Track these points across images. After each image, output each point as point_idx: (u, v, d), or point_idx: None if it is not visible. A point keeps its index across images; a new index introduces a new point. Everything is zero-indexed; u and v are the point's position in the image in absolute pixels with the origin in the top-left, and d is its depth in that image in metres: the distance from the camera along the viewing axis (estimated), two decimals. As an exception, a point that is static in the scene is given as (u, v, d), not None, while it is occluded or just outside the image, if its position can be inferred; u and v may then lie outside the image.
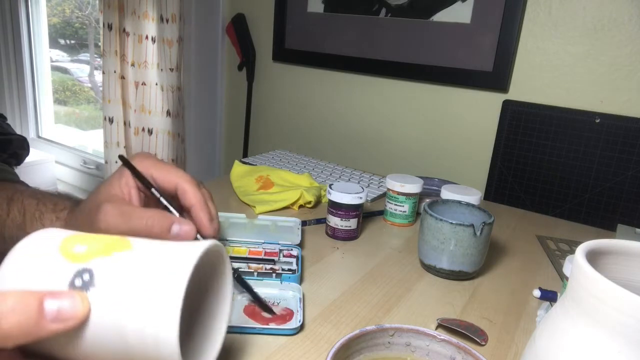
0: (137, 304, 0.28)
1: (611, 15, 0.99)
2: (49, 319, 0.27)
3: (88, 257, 0.30)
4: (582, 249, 0.30)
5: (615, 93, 1.01)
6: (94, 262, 0.30)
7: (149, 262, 0.30)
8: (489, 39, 1.12)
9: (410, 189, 0.78)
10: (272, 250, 0.63)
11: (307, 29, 1.42)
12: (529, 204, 1.11)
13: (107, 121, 1.65)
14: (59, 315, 0.27)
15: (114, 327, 0.28)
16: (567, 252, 0.75)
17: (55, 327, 0.27)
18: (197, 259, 0.30)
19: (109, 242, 0.32)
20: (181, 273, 0.29)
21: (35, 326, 0.26)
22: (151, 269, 0.30)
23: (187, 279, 0.29)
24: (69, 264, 0.30)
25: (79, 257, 0.30)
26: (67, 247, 0.31)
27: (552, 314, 0.32)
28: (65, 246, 0.31)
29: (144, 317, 0.28)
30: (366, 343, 0.38)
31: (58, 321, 0.27)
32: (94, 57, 2.30)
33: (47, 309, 0.27)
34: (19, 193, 0.51)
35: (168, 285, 0.28)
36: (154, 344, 0.28)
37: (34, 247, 0.31)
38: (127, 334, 0.28)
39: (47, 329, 0.27)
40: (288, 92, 1.53)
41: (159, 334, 0.28)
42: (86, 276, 0.29)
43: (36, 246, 0.31)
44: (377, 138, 1.38)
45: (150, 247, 0.32)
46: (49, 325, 0.27)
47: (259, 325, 0.48)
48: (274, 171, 0.93)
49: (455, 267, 0.61)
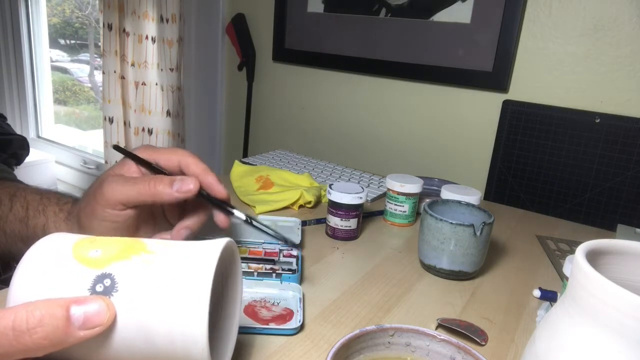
0: (163, 305, 0.28)
1: (611, 15, 0.99)
2: (77, 326, 0.27)
3: (106, 262, 0.30)
4: (582, 249, 0.30)
5: (615, 93, 1.01)
6: (113, 266, 0.30)
7: (170, 263, 0.30)
8: (489, 39, 1.12)
9: (410, 189, 0.78)
10: (272, 250, 0.63)
11: (307, 29, 1.42)
12: (529, 204, 1.11)
13: (107, 121, 1.65)
14: (86, 322, 0.27)
15: (140, 330, 0.28)
16: (567, 252, 0.75)
17: (83, 334, 0.27)
18: (219, 255, 0.30)
19: (123, 245, 0.32)
20: (206, 270, 0.29)
21: (64, 335, 0.26)
22: (174, 270, 0.30)
23: (212, 275, 0.29)
24: (87, 269, 0.30)
25: (96, 263, 0.30)
26: (80, 253, 0.31)
27: (552, 314, 0.32)
28: (78, 251, 0.31)
29: (171, 318, 0.28)
30: (366, 343, 0.38)
31: (85, 328, 0.27)
32: (94, 57, 2.30)
33: (73, 316, 0.27)
34: (21, 189, 0.52)
35: (194, 284, 0.28)
36: (183, 345, 0.28)
37: (46, 255, 0.31)
38: (154, 337, 0.28)
39: (75, 336, 0.27)
40: (288, 92, 1.53)
41: (188, 333, 0.28)
42: (107, 282, 0.29)
43: (48, 253, 0.31)
44: (377, 138, 1.38)
45: (168, 249, 0.32)
46: (76, 332, 0.27)
47: (259, 325, 0.48)
48: (274, 171, 0.93)
49: (455, 267, 0.61)
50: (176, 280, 0.29)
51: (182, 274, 0.29)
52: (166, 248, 0.32)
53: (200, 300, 0.28)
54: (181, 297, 0.28)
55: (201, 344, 0.28)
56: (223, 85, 1.69)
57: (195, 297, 0.28)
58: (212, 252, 0.31)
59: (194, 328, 0.28)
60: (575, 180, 1.05)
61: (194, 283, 0.29)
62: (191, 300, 0.28)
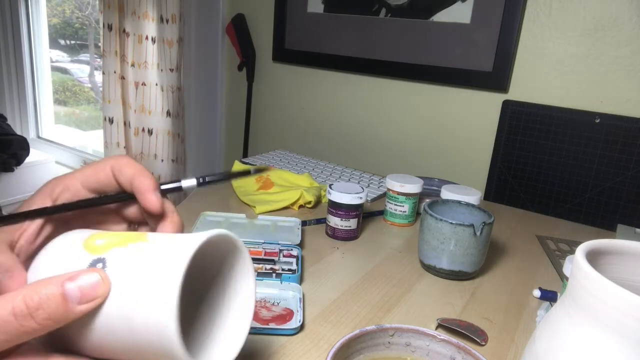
0: (142, 293, 0.28)
1: (611, 15, 0.99)
2: (75, 301, 0.28)
3: (105, 249, 0.31)
4: (582, 249, 0.30)
5: (615, 93, 1.01)
6: (109, 252, 0.31)
7: (157, 251, 0.30)
8: (488, 39, 1.12)
9: (410, 189, 0.78)
10: (272, 250, 0.63)
11: (307, 29, 1.42)
12: (529, 204, 1.11)
13: (107, 121, 1.65)
14: (83, 296, 0.28)
15: (121, 317, 0.28)
16: (567, 252, 0.75)
17: (82, 308, 0.28)
18: (200, 243, 0.30)
19: (127, 235, 0.33)
20: (182, 258, 0.28)
21: (65, 311, 0.27)
22: (157, 257, 0.30)
23: (185, 263, 0.28)
24: (88, 254, 0.31)
25: (97, 249, 0.31)
26: (89, 241, 0.32)
27: (552, 314, 0.32)
28: (88, 240, 0.33)
29: (147, 307, 0.28)
30: (366, 343, 0.38)
31: (84, 302, 0.28)
32: (94, 58, 2.30)
33: (69, 292, 0.27)
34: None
35: (167, 274, 0.28)
36: (158, 334, 0.27)
37: (62, 243, 0.33)
38: (133, 323, 0.28)
39: (75, 311, 0.28)
40: (288, 92, 1.53)
41: (159, 323, 0.27)
42: (99, 265, 0.30)
43: (65, 241, 0.33)
44: (377, 138, 1.38)
45: (166, 240, 0.32)
46: (75, 307, 0.28)
47: (259, 325, 0.48)
48: (274, 171, 0.93)
49: (455, 267, 0.61)
50: (155, 267, 0.29)
51: (161, 261, 0.29)
52: (165, 239, 0.32)
53: (171, 289, 0.27)
54: (156, 285, 0.28)
55: (172, 334, 0.27)
56: (223, 85, 1.69)
57: (165, 285, 0.28)
58: (195, 240, 0.30)
59: (164, 317, 0.27)
60: (575, 180, 1.05)
61: (168, 272, 0.28)
62: (163, 287, 0.28)
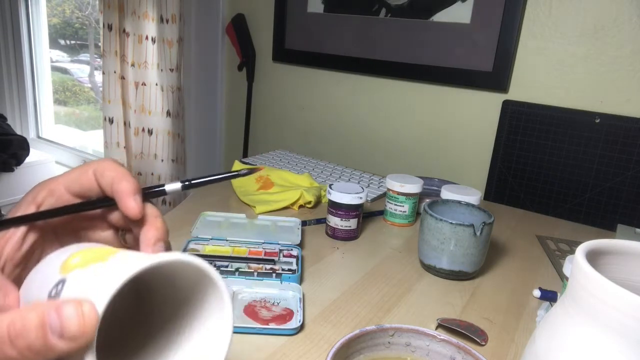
0: None
1: (611, 15, 0.99)
2: (55, 333, 0.24)
3: (72, 269, 0.28)
4: (582, 249, 0.30)
5: (615, 93, 1.01)
6: (71, 273, 0.28)
7: (99, 275, 0.27)
8: (489, 39, 1.12)
9: (410, 189, 0.78)
10: (272, 250, 0.63)
11: (307, 29, 1.42)
12: (529, 204, 1.11)
13: (107, 121, 1.65)
14: (63, 330, 0.24)
15: None
16: (567, 252, 0.75)
17: (63, 345, 0.24)
18: (144, 267, 0.26)
19: (98, 253, 0.29)
20: (113, 282, 0.25)
21: (44, 345, 0.24)
22: (92, 284, 0.27)
23: (113, 288, 0.25)
24: (57, 274, 0.28)
25: (67, 268, 0.28)
26: (69, 260, 0.29)
27: (552, 314, 0.32)
28: (69, 258, 0.29)
29: None
30: (366, 343, 0.38)
31: (65, 336, 0.24)
32: (94, 58, 2.30)
33: (49, 322, 0.24)
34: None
35: (97, 295, 0.25)
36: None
37: (49, 259, 0.30)
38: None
39: (56, 347, 0.24)
40: (288, 92, 1.53)
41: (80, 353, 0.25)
42: (60, 287, 0.27)
43: (52, 257, 0.30)
44: (377, 138, 1.38)
45: (127, 259, 0.28)
46: (56, 343, 0.24)
47: (259, 325, 0.48)
48: (274, 171, 0.93)
49: (455, 267, 0.61)
50: (88, 293, 0.26)
51: (93, 288, 0.26)
52: (127, 259, 0.28)
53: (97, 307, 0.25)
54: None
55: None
56: (223, 85, 1.69)
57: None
58: (132, 267, 0.26)
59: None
60: (575, 180, 1.05)
61: (98, 294, 0.25)
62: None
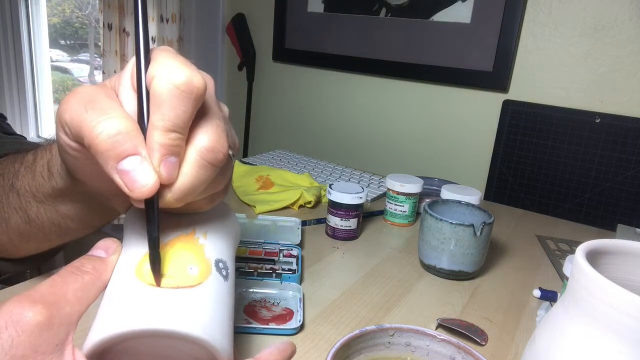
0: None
1: (611, 15, 0.99)
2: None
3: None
4: (582, 249, 0.30)
5: (615, 93, 1.01)
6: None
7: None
8: (489, 39, 1.12)
9: (410, 189, 0.78)
10: (272, 250, 0.63)
11: (307, 28, 1.42)
12: (529, 204, 1.11)
13: (107, 121, 1.65)
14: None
15: None
16: (567, 252, 0.75)
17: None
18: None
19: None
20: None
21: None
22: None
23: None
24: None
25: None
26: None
27: (552, 314, 0.32)
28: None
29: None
30: (366, 343, 0.38)
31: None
32: (94, 57, 2.30)
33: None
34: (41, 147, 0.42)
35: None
36: None
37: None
38: None
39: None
40: (288, 92, 1.53)
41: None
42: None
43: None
44: (377, 138, 1.38)
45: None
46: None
47: (259, 325, 0.48)
48: (274, 171, 0.93)
49: (455, 267, 0.61)
50: None
51: None
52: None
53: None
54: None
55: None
56: (223, 85, 1.69)
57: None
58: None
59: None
60: (575, 180, 1.05)
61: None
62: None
